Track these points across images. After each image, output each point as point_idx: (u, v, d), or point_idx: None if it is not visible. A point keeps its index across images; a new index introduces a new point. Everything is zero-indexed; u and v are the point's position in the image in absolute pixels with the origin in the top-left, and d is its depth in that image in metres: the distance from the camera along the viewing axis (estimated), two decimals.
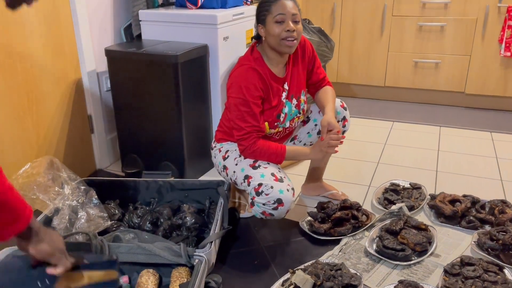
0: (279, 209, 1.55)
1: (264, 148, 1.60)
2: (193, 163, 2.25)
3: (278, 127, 1.72)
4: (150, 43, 2.23)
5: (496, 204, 1.88)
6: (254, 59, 1.65)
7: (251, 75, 1.59)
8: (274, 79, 1.67)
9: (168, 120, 2.13)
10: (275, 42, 1.60)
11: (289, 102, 1.73)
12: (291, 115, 1.74)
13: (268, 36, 1.61)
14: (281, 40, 1.58)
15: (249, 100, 1.57)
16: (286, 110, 1.72)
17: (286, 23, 1.57)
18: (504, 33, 3.07)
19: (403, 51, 3.40)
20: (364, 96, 3.70)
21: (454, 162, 2.46)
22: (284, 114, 1.71)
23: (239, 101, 1.59)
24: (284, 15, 1.57)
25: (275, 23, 1.57)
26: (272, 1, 1.59)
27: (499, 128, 2.96)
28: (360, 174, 2.33)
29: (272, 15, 1.58)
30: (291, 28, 1.56)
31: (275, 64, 1.68)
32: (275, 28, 1.57)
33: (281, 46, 1.60)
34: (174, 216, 1.75)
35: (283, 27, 1.57)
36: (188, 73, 2.09)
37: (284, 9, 1.57)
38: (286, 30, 1.56)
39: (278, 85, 1.68)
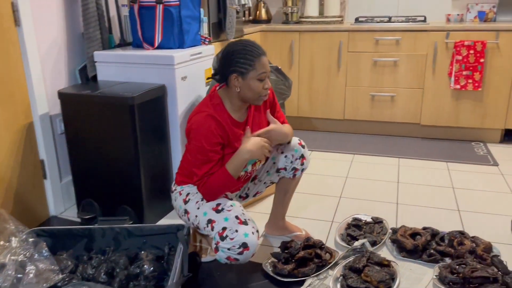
0: (245, 253, 1.51)
1: (213, 181, 1.58)
2: (153, 206, 2.18)
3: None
4: (106, 84, 2.19)
5: (455, 236, 1.91)
6: (214, 105, 1.64)
7: (209, 122, 1.58)
8: (234, 124, 1.66)
9: (125, 162, 2.07)
10: (252, 97, 1.61)
11: None
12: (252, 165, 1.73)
13: (245, 89, 1.60)
14: (259, 96, 1.61)
15: (206, 148, 1.56)
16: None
17: (266, 81, 1.61)
18: (453, 67, 3.23)
19: (360, 85, 3.51)
20: (324, 130, 3.76)
21: (414, 193, 2.51)
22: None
23: (196, 148, 1.57)
24: (266, 73, 1.60)
25: (257, 80, 1.58)
26: (254, 56, 1.57)
27: (454, 157, 3.06)
28: (322, 209, 2.33)
29: (256, 72, 1.57)
30: (269, 86, 1.62)
31: (237, 109, 1.67)
32: (257, 85, 1.59)
33: (256, 100, 1.63)
34: (131, 265, 1.67)
35: (262, 84, 1.60)
36: (146, 114, 2.06)
37: (266, 68, 1.60)
38: (265, 88, 1.61)
39: (239, 130, 1.67)
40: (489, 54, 3.16)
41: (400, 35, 3.32)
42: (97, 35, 2.29)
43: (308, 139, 3.54)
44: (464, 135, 3.44)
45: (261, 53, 1.58)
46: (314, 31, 3.49)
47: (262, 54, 1.58)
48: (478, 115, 3.30)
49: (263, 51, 1.60)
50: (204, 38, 2.52)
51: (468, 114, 3.32)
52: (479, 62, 3.16)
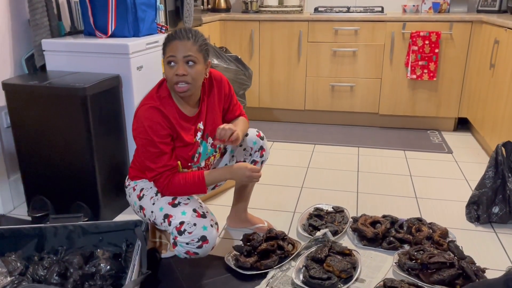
0: (204, 247, 1.47)
1: (181, 183, 1.51)
2: (109, 202, 2.09)
3: (191, 167, 1.65)
4: (55, 74, 2.06)
5: (413, 223, 1.95)
6: (160, 98, 1.53)
7: (153, 114, 1.49)
8: (183, 118, 1.57)
9: (79, 157, 1.97)
10: (169, 85, 1.52)
11: (204, 142, 1.66)
12: (206, 154, 1.68)
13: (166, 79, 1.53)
14: (172, 83, 1.48)
15: (155, 140, 1.48)
16: (201, 150, 1.65)
17: (177, 66, 1.46)
18: (409, 57, 3.29)
19: (320, 76, 3.52)
20: (285, 120, 3.75)
21: (373, 182, 2.54)
22: (198, 154, 1.64)
23: (146, 142, 1.49)
24: (175, 57, 1.45)
25: (167, 65, 1.48)
26: (167, 40, 1.49)
27: (411, 146, 3.14)
28: (284, 200, 2.32)
29: (165, 56, 1.48)
30: (180, 72, 1.44)
31: (185, 102, 1.58)
32: (167, 71, 1.48)
33: (173, 90, 1.51)
34: (86, 264, 1.59)
35: (173, 70, 1.46)
36: (99, 105, 1.96)
37: (175, 51, 1.44)
38: (176, 74, 1.45)
39: (189, 124, 1.59)
40: (443, 44, 3.24)
41: (358, 25, 3.34)
42: (45, 22, 2.15)
43: (269, 130, 3.52)
44: (420, 124, 3.53)
45: (177, 37, 1.46)
46: (274, 20, 3.46)
47: (176, 38, 1.46)
48: (433, 104, 3.40)
49: (182, 35, 1.46)
50: (160, 26, 2.43)
51: (423, 104, 3.41)
52: (434, 53, 3.24)
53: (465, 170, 2.70)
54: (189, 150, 1.59)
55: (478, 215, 2.06)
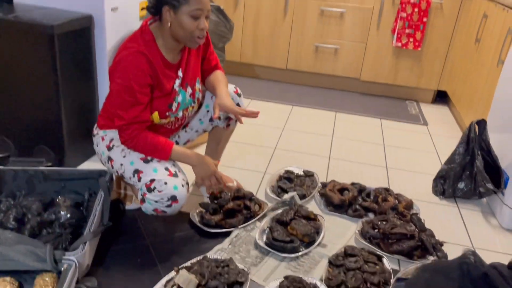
0: (173, 206, 1.44)
1: (147, 142, 1.46)
2: (75, 147, 2.03)
3: (169, 117, 1.58)
4: (22, 8, 1.92)
5: (380, 192, 1.97)
6: (145, 41, 1.47)
7: (139, 60, 1.42)
8: (166, 65, 1.52)
9: (44, 98, 1.87)
10: (184, 36, 1.45)
11: (183, 91, 1.59)
12: (185, 104, 1.62)
13: (176, 26, 1.44)
14: (192, 36, 1.45)
15: (135, 88, 1.41)
16: (180, 99, 1.59)
17: (201, 20, 1.44)
18: (397, 24, 3.22)
19: (305, 34, 3.42)
20: (266, 78, 3.68)
21: (346, 148, 2.54)
22: (177, 104, 1.58)
23: (123, 88, 1.42)
24: (202, 11, 1.43)
25: (190, 17, 1.42)
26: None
27: (388, 115, 3.14)
28: (256, 160, 2.30)
29: (189, 7, 1.41)
30: (205, 27, 1.45)
31: (170, 50, 1.52)
32: (189, 23, 1.42)
33: (189, 41, 1.48)
34: (46, 211, 1.55)
35: (197, 23, 1.43)
36: (68, 46, 1.84)
37: (203, 5, 1.43)
38: (200, 28, 1.44)
39: (170, 72, 1.53)
40: (432, 13, 3.17)
41: None
42: None
43: (249, 86, 3.45)
44: (400, 93, 3.52)
45: None
46: None
47: None
48: (415, 75, 3.37)
49: None
50: None
51: (405, 73, 3.38)
52: (422, 21, 3.18)
53: (437, 144, 2.73)
54: (167, 99, 1.53)
55: (443, 189, 2.09)
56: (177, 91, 1.57)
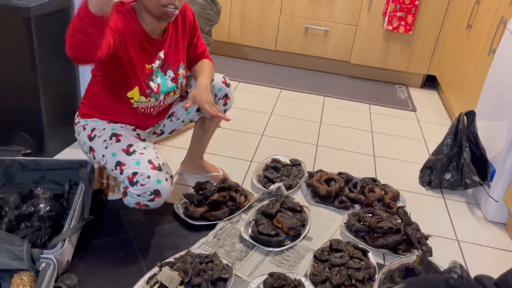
0: (156, 200, 1.40)
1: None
2: (55, 133, 1.96)
3: (150, 96, 1.51)
4: None
5: (367, 183, 1.96)
6: (127, 10, 1.39)
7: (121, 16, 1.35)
8: (147, 39, 1.44)
9: (22, 84, 1.80)
10: (153, 7, 1.37)
11: (162, 74, 1.53)
12: (166, 88, 1.55)
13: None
14: (161, 6, 1.36)
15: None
16: (159, 81, 1.52)
17: None
18: (388, 6, 3.15)
19: (295, 15, 3.33)
20: (255, 59, 3.60)
21: (334, 135, 2.52)
22: (156, 84, 1.51)
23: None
24: None
25: None
26: None
27: (377, 100, 3.10)
28: (243, 147, 2.26)
29: None
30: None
31: (151, 28, 1.46)
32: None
33: (159, 13, 1.38)
34: (24, 204, 1.50)
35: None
36: (46, 28, 1.76)
37: None
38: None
39: (150, 47, 1.46)
40: None
41: None
42: None
43: (237, 68, 3.37)
44: (389, 77, 3.48)
45: None
46: None
47: None
48: (405, 59, 3.33)
49: None
50: None
51: (395, 57, 3.34)
52: (414, 4, 3.11)
53: (425, 131, 2.71)
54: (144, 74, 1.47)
55: (430, 180, 2.09)
56: (154, 70, 1.50)
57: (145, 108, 1.55)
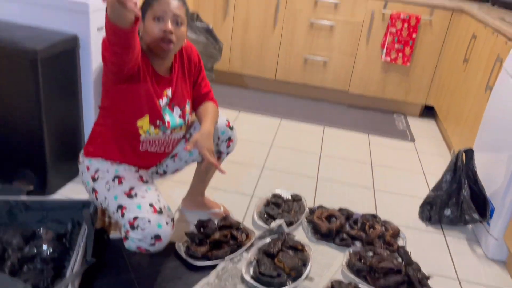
0: (157, 245, 1.40)
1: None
2: (58, 169, 1.98)
3: (159, 128, 1.53)
4: (3, 27, 1.85)
5: (367, 219, 1.97)
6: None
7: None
8: (156, 76, 1.49)
9: (26, 121, 1.82)
10: (151, 42, 1.44)
11: (169, 111, 1.56)
12: (175, 123, 1.58)
13: (144, 33, 1.45)
14: (157, 40, 1.42)
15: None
16: (168, 118, 1.55)
17: (165, 22, 1.41)
18: (386, 39, 3.22)
19: (294, 46, 3.39)
20: (255, 87, 3.65)
21: (334, 167, 2.54)
22: (166, 122, 1.54)
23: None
24: (165, 13, 1.41)
25: (153, 20, 1.41)
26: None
27: (376, 130, 3.14)
28: (244, 181, 2.28)
29: (152, 10, 1.42)
30: (169, 29, 1.41)
31: (157, 66, 1.50)
32: (153, 26, 1.42)
33: (156, 48, 1.44)
34: (27, 245, 1.50)
35: (160, 26, 1.41)
36: (52, 69, 1.79)
37: (166, 7, 1.41)
38: (163, 30, 1.41)
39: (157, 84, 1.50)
40: (421, 30, 3.18)
41: None
42: None
43: (237, 97, 3.41)
44: (387, 106, 3.52)
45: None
46: None
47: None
48: (403, 89, 3.38)
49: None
50: None
51: (393, 87, 3.39)
52: (411, 37, 3.18)
53: (424, 163, 2.74)
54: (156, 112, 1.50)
55: (430, 216, 2.10)
56: (163, 109, 1.53)
57: (150, 141, 1.56)
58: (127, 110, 1.49)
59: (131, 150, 1.55)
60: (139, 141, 1.54)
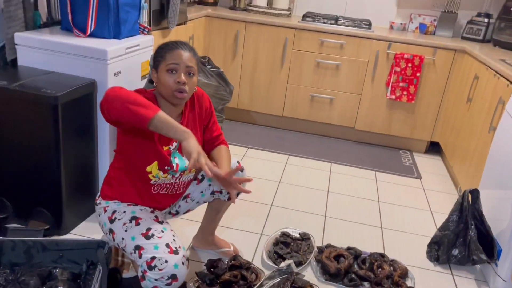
0: (173, 285, 1.43)
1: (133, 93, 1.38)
2: (73, 208, 2.04)
3: (168, 173, 1.60)
4: (26, 73, 1.96)
5: (376, 259, 1.99)
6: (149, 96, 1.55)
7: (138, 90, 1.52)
8: None
9: (45, 162, 1.89)
10: (165, 92, 1.52)
11: (179, 154, 1.62)
12: (185, 166, 1.64)
13: (159, 84, 1.54)
14: (170, 90, 1.51)
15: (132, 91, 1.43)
16: (177, 161, 1.61)
17: (178, 74, 1.50)
18: (391, 77, 3.31)
19: (301, 84, 3.49)
20: (263, 124, 3.73)
21: (342, 205, 2.57)
22: (175, 164, 1.60)
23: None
24: (178, 65, 1.50)
25: (167, 72, 1.50)
26: (168, 48, 1.52)
27: (382, 166, 3.18)
28: (253, 219, 2.32)
29: (165, 62, 1.50)
30: (182, 80, 1.49)
31: (167, 112, 1.57)
32: (167, 78, 1.50)
33: (170, 97, 1.53)
34: (43, 285, 1.55)
35: (174, 77, 1.50)
36: (71, 113, 1.88)
37: (179, 59, 1.50)
38: (177, 82, 1.49)
39: None
40: (425, 69, 3.27)
41: (345, 39, 3.32)
42: (20, 14, 2.03)
43: (246, 133, 3.49)
44: (393, 142, 3.58)
45: (179, 47, 1.52)
46: (261, 23, 3.38)
47: (178, 48, 1.51)
48: (409, 126, 3.44)
49: (184, 46, 1.53)
50: (143, 27, 2.33)
51: (399, 124, 3.45)
52: (416, 76, 3.26)
53: (431, 200, 2.77)
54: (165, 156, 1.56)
55: (438, 255, 2.11)
56: (171, 151, 1.59)
57: (161, 185, 1.63)
58: (136, 157, 1.56)
59: (145, 192, 1.61)
60: (151, 184, 1.60)
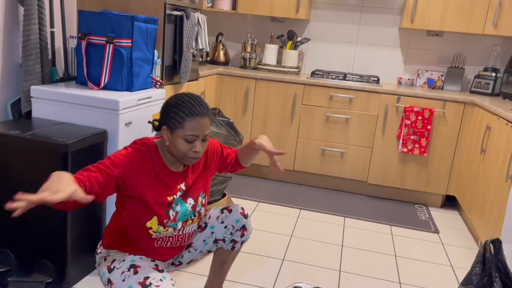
0: None
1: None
2: (77, 261, 1.97)
3: (168, 226, 1.55)
4: (39, 124, 1.99)
5: None
6: (148, 146, 1.51)
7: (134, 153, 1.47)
8: (167, 172, 1.53)
9: (51, 214, 1.87)
10: (178, 155, 1.48)
11: (183, 202, 1.58)
12: (184, 215, 1.59)
13: (172, 145, 1.48)
14: (185, 156, 1.48)
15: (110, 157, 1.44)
16: (178, 209, 1.57)
17: (196, 143, 1.46)
18: (402, 130, 3.30)
19: (312, 139, 3.50)
20: (273, 178, 3.69)
21: (356, 260, 2.46)
22: (175, 212, 1.55)
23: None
24: (195, 136, 1.45)
25: (184, 140, 1.45)
26: (188, 115, 1.44)
27: (398, 221, 3.08)
28: (263, 274, 2.21)
29: (184, 131, 1.44)
30: (198, 150, 1.47)
31: (171, 162, 1.55)
32: (183, 145, 1.45)
33: (181, 159, 1.49)
34: None
35: (190, 146, 1.45)
36: (81, 161, 1.88)
37: (198, 131, 1.45)
38: (193, 150, 1.46)
39: (171, 180, 1.54)
40: (436, 121, 3.26)
41: (353, 93, 3.36)
42: (37, 68, 2.11)
43: (256, 188, 3.45)
44: (408, 196, 3.49)
45: (198, 113, 1.44)
46: (271, 80, 3.47)
47: (198, 115, 1.44)
48: (422, 179, 3.38)
49: (203, 111, 1.45)
50: (155, 81, 2.40)
51: (413, 177, 3.39)
52: (426, 129, 3.25)
53: (451, 255, 2.63)
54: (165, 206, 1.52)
55: None
56: (175, 200, 1.55)
57: (163, 238, 1.57)
58: (135, 214, 1.52)
59: (148, 246, 1.56)
60: (153, 239, 1.55)
